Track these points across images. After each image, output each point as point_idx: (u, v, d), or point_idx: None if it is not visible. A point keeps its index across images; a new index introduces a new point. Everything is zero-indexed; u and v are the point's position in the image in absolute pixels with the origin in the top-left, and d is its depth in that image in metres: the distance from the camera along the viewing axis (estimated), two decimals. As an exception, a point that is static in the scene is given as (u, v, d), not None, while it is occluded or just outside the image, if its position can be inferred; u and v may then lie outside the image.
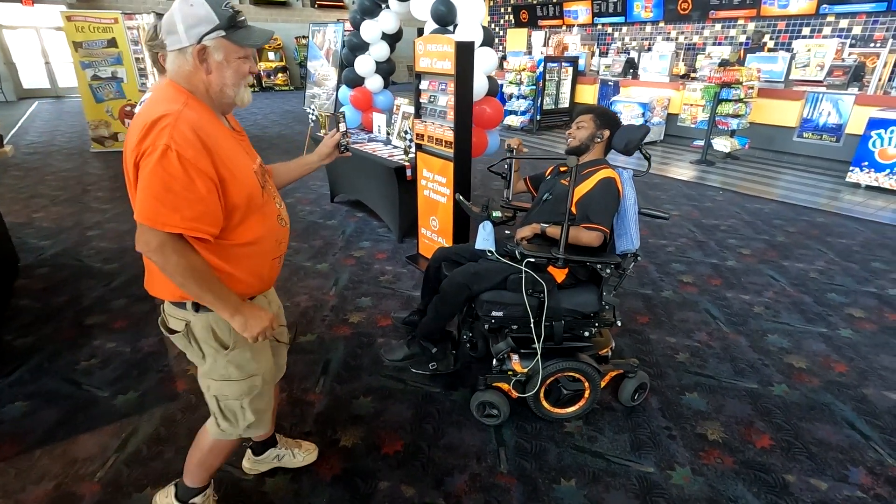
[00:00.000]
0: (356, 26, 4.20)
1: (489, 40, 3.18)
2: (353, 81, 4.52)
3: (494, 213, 1.98)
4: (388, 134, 4.27)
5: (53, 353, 2.46)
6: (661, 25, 9.85)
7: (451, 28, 3.14)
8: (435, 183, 3.16)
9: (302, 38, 14.74)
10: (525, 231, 1.96)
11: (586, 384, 1.98)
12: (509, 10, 13.13)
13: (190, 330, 1.25)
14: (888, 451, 1.90)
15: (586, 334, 2.00)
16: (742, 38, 8.60)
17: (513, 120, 8.61)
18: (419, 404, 2.14)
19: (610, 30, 10.88)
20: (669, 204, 4.91)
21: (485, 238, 1.97)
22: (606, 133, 2.05)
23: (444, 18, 3.05)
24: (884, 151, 5.14)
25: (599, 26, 11.02)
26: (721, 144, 6.34)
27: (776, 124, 6.49)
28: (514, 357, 1.96)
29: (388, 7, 3.91)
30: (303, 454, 1.80)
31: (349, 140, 1.63)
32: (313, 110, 5.71)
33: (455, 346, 2.27)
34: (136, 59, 6.89)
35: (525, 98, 8.54)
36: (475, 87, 2.90)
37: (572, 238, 1.84)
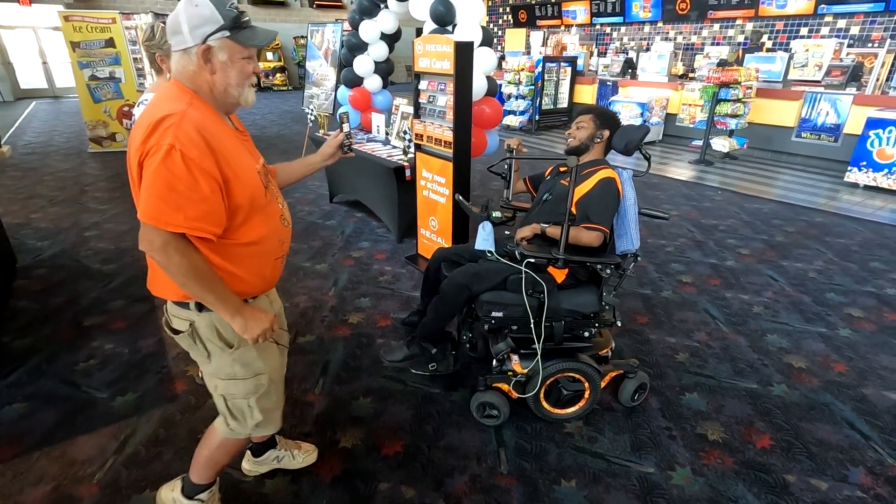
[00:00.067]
0: (355, 26, 4.19)
1: (488, 40, 3.18)
2: (352, 81, 4.51)
3: (494, 214, 1.98)
4: (387, 134, 4.26)
5: (52, 354, 2.45)
6: (659, 25, 9.87)
7: (449, 28, 3.14)
8: (434, 183, 3.16)
9: (300, 38, 14.73)
10: (525, 231, 1.96)
11: (586, 385, 1.97)
12: (508, 10, 13.15)
13: (194, 329, 1.25)
14: (888, 451, 1.90)
15: (586, 335, 1.99)
16: (740, 38, 8.62)
17: (511, 120, 8.62)
18: (419, 405, 2.13)
19: (608, 30, 10.90)
20: (668, 204, 4.92)
21: (484, 238, 1.96)
22: (606, 133, 2.05)
23: (443, 18, 3.05)
24: (882, 151, 5.16)
25: (598, 26, 11.04)
26: (720, 144, 6.34)
27: (774, 124, 6.50)
28: (514, 357, 1.96)
29: (386, 7, 3.91)
30: (302, 455, 1.79)
31: (352, 140, 1.63)
32: (312, 110, 5.70)
33: (455, 346, 2.27)
34: (133, 59, 6.89)
35: (524, 98, 8.54)
36: (474, 87, 2.90)
37: (572, 238, 1.83)
